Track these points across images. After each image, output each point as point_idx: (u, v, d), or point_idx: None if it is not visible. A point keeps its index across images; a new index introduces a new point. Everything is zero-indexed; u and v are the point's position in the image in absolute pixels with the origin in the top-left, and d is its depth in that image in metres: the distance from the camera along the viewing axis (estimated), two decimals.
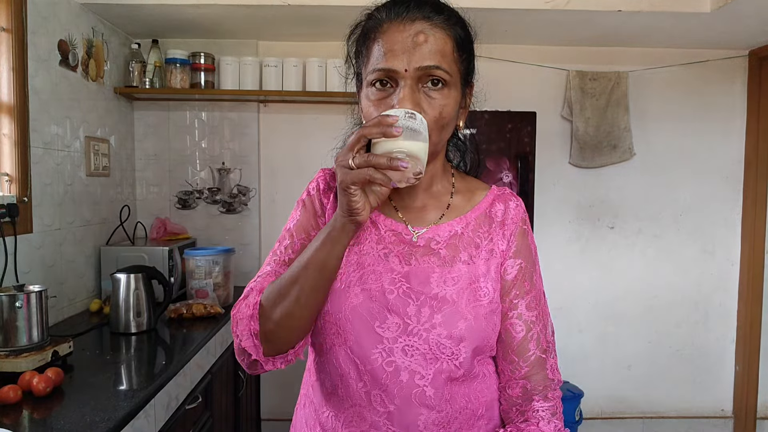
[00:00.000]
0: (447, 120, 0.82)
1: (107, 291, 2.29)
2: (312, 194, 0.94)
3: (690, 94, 2.96)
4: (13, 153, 1.85)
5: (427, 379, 0.82)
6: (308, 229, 0.92)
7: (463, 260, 0.87)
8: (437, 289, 0.84)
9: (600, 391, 3.04)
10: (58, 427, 1.21)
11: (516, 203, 0.94)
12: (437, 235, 0.89)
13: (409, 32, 0.80)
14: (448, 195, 0.93)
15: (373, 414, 0.83)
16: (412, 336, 0.82)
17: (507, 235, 0.91)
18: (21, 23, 1.85)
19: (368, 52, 0.84)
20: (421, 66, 0.79)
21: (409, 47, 0.79)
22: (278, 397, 2.91)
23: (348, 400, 0.85)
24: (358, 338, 0.83)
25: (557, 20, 2.46)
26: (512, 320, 0.89)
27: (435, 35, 0.81)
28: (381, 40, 0.82)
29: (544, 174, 2.96)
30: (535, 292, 0.91)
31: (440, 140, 0.84)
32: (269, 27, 2.62)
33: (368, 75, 0.83)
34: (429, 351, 0.82)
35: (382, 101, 0.81)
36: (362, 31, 0.86)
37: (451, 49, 0.82)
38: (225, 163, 2.87)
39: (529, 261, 0.91)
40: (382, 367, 0.82)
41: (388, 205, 0.92)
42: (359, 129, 0.73)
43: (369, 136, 0.72)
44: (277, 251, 0.93)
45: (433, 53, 0.80)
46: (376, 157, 0.70)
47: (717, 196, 3.02)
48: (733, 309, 3.07)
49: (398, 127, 0.71)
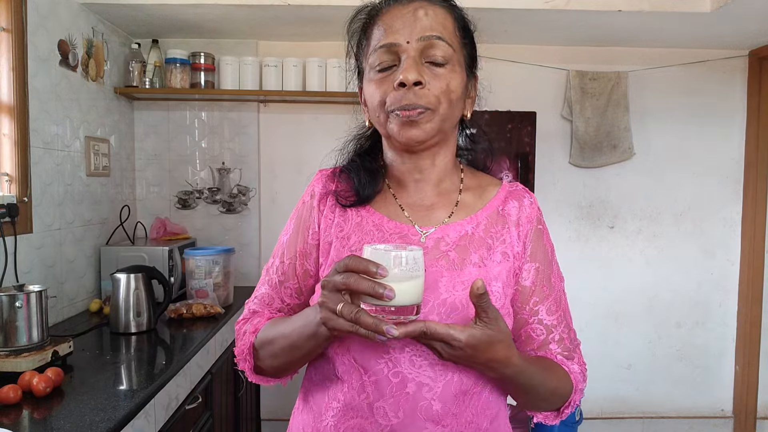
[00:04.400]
0: (454, 95, 0.81)
1: (107, 291, 2.29)
2: (307, 202, 0.93)
3: (690, 94, 2.96)
4: (13, 153, 1.85)
5: (436, 392, 0.78)
6: (298, 244, 0.91)
7: (473, 263, 0.83)
8: (446, 294, 0.80)
9: (600, 391, 3.04)
10: (58, 427, 1.21)
11: (530, 200, 0.91)
12: (446, 236, 0.85)
13: (408, 9, 0.80)
14: (457, 192, 0.90)
15: (376, 427, 0.78)
16: (419, 346, 0.77)
17: (522, 236, 0.88)
18: (21, 23, 1.85)
19: (369, 39, 0.84)
20: (423, 36, 0.78)
21: (410, 21, 0.79)
22: (278, 397, 2.91)
23: (350, 411, 0.80)
24: (362, 348, 0.80)
25: (557, 20, 2.46)
26: (533, 325, 0.87)
27: (435, 10, 0.81)
28: (381, 21, 0.82)
29: (544, 174, 2.96)
30: (555, 294, 0.88)
31: (448, 115, 0.82)
32: (269, 27, 2.62)
33: (370, 57, 0.82)
34: (438, 362, 0.78)
35: (385, 79, 0.80)
36: (362, 24, 0.86)
37: (453, 26, 0.82)
38: (225, 163, 2.87)
39: (546, 263, 0.88)
40: (387, 377, 0.78)
41: (393, 205, 0.89)
42: (346, 276, 0.66)
43: (358, 292, 0.66)
44: (270, 269, 0.94)
45: (434, 25, 0.79)
46: (365, 316, 0.65)
47: (717, 196, 3.02)
48: (733, 309, 3.07)
49: (390, 290, 0.64)
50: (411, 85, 0.77)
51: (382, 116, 0.82)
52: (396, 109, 0.79)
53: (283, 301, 0.93)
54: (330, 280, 0.69)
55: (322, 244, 0.89)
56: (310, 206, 0.92)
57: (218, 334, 2.06)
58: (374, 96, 0.81)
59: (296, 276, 0.91)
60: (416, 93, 0.78)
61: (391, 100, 0.80)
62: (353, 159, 0.93)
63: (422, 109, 0.79)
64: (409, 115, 0.78)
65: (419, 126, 0.80)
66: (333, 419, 0.82)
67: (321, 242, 0.90)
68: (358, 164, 0.91)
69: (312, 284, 0.92)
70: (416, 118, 0.79)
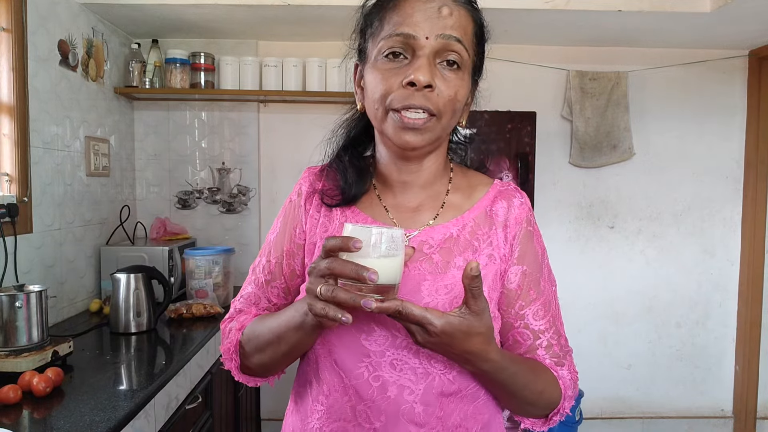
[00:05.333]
0: (459, 105, 0.78)
1: (107, 291, 2.30)
2: (294, 200, 0.91)
3: (690, 94, 2.96)
4: (13, 153, 1.85)
5: (417, 395, 0.77)
6: (285, 243, 0.90)
7: (458, 266, 0.81)
8: (428, 298, 0.78)
9: (600, 391, 3.04)
10: (58, 427, 1.21)
11: (520, 200, 0.87)
12: (430, 238, 0.82)
13: (433, 4, 0.75)
14: (445, 193, 0.87)
15: (359, 430, 0.78)
16: (400, 350, 0.77)
17: (509, 238, 0.84)
18: (21, 23, 1.85)
19: (382, 22, 0.78)
20: (443, 34, 0.74)
21: (433, 16, 0.75)
22: (278, 397, 2.91)
23: (333, 414, 0.80)
24: (343, 351, 0.79)
25: (557, 20, 2.46)
26: (519, 329, 0.84)
27: (459, 11, 0.77)
28: (401, 8, 0.76)
29: (544, 174, 2.96)
30: (543, 299, 0.84)
31: (449, 125, 0.80)
32: (269, 27, 2.62)
33: (380, 42, 0.77)
34: (420, 365, 0.77)
35: (392, 71, 0.76)
36: (380, 2, 0.80)
37: (472, 32, 0.79)
38: (225, 163, 2.87)
39: (535, 266, 0.85)
40: (368, 381, 0.77)
41: (378, 206, 0.87)
42: (330, 262, 0.66)
43: (342, 277, 0.66)
44: (257, 268, 0.94)
45: (456, 27, 0.75)
46: (340, 293, 0.65)
47: (717, 196, 3.02)
48: (733, 309, 3.07)
49: (373, 272, 0.64)
50: (422, 87, 0.74)
51: (381, 112, 0.78)
52: (399, 108, 0.76)
53: (269, 300, 0.92)
54: (315, 265, 0.68)
55: (308, 244, 0.88)
56: (296, 205, 0.90)
57: (218, 334, 2.05)
58: (376, 88, 0.77)
59: (283, 275, 0.90)
60: (425, 95, 0.75)
61: (394, 97, 0.76)
62: (340, 155, 0.91)
63: (427, 116, 0.76)
64: (414, 123, 0.76)
65: (420, 133, 0.77)
66: (318, 422, 0.82)
67: (307, 242, 0.88)
68: (345, 162, 0.89)
69: (299, 284, 0.91)
70: (421, 126, 0.76)
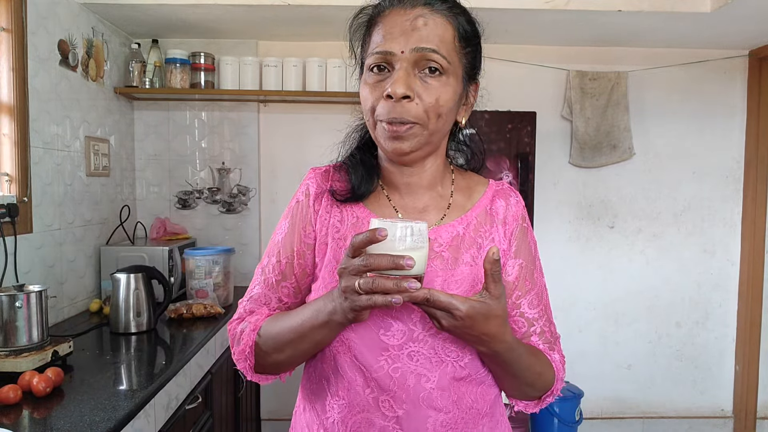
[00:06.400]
0: (444, 109, 0.81)
1: (107, 291, 2.29)
2: (301, 201, 0.93)
3: (690, 94, 2.96)
4: (13, 153, 1.85)
5: (434, 382, 0.83)
6: (295, 244, 0.91)
7: (465, 262, 0.87)
8: None
9: (600, 391, 3.04)
10: (58, 427, 1.21)
11: (516, 199, 0.94)
12: (440, 237, 0.87)
13: (408, 16, 0.80)
14: (449, 194, 0.92)
15: (383, 419, 0.83)
16: (417, 342, 0.82)
17: (508, 234, 0.91)
18: (21, 23, 1.85)
19: (369, 38, 0.85)
20: (417, 47, 0.78)
21: (408, 30, 0.79)
22: (278, 397, 2.91)
23: (356, 407, 0.84)
24: (363, 347, 0.83)
25: (557, 20, 2.46)
26: (515, 318, 0.90)
27: (435, 20, 0.80)
28: (381, 24, 0.82)
29: (544, 174, 2.96)
30: (537, 289, 0.91)
31: (437, 129, 0.83)
32: (269, 27, 2.62)
33: (368, 58, 0.83)
34: (435, 355, 0.83)
35: (377, 84, 0.81)
36: (366, 20, 0.86)
37: (452, 37, 0.82)
38: (225, 163, 2.87)
39: (529, 259, 0.92)
40: (388, 374, 0.82)
41: (388, 206, 0.91)
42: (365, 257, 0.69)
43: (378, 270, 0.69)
44: (266, 269, 0.94)
45: (431, 37, 0.79)
46: (383, 281, 0.68)
47: (717, 196, 3.02)
48: (733, 309, 3.07)
49: (409, 258, 0.68)
50: (399, 98, 0.78)
51: (371, 122, 0.84)
52: (383, 121, 0.81)
53: (280, 300, 0.93)
54: (346, 266, 0.71)
55: (318, 245, 0.90)
56: (305, 205, 0.92)
57: (218, 334, 2.06)
58: (366, 100, 0.83)
59: (294, 275, 0.91)
60: (404, 106, 0.79)
61: (379, 110, 0.81)
62: (353, 154, 0.94)
63: (410, 125, 0.80)
64: (396, 131, 0.80)
65: (406, 140, 0.81)
66: (339, 415, 0.85)
67: (317, 242, 0.90)
68: (357, 159, 0.92)
69: (309, 283, 0.92)
70: (403, 134, 0.80)
